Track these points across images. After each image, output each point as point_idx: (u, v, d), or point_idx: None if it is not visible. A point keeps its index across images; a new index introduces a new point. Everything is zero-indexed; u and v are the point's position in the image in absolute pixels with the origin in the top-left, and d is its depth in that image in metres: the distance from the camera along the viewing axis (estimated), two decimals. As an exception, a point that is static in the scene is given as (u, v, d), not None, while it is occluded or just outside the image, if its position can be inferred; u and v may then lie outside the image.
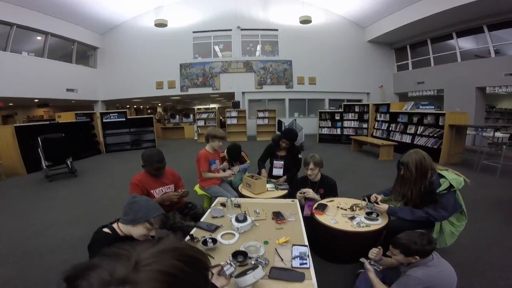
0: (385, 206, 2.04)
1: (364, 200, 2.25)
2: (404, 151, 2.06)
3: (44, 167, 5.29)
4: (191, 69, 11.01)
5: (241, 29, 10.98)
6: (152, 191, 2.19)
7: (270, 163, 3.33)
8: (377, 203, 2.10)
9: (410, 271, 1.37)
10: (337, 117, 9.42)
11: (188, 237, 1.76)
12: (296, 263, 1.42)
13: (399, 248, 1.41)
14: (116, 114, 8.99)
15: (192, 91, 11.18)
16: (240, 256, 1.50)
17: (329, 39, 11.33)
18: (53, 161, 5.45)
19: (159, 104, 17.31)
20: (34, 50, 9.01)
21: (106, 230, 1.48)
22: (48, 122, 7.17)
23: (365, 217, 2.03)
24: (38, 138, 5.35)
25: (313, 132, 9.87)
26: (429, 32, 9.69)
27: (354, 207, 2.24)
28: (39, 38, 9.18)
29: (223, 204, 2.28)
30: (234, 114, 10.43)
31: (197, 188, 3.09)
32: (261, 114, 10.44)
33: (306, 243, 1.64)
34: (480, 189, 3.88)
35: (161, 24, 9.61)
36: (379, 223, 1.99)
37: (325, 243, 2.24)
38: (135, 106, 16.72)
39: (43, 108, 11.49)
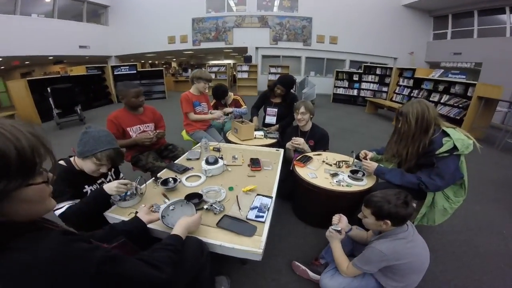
0: (373, 165, 1.72)
1: (351, 156, 1.99)
2: None
3: (55, 115, 5.53)
4: (204, 23, 10.40)
5: None
6: (128, 128, 2.10)
7: (264, 111, 3.09)
8: (366, 160, 1.81)
9: (375, 243, 1.15)
10: (355, 77, 8.79)
11: (152, 178, 1.68)
12: (252, 214, 1.27)
13: (370, 207, 1.17)
14: (127, 67, 9.16)
15: (205, 45, 10.71)
16: (195, 198, 1.39)
17: None
18: (62, 109, 5.67)
19: (174, 59, 16.99)
20: (44, 12, 8.98)
21: (61, 162, 1.40)
22: (59, 75, 7.29)
23: (348, 176, 1.75)
24: (48, 88, 5.51)
25: (329, 92, 9.42)
26: (478, 3, 8.35)
27: (341, 163, 1.98)
28: (47, 0, 9.04)
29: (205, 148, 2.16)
30: (245, 68, 10.05)
31: (183, 133, 2.99)
32: (273, 70, 9.96)
33: (273, 194, 1.48)
34: (495, 168, 3.43)
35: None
36: (363, 184, 1.70)
37: (302, 201, 2.05)
38: (150, 62, 16.56)
39: (59, 65, 11.67)
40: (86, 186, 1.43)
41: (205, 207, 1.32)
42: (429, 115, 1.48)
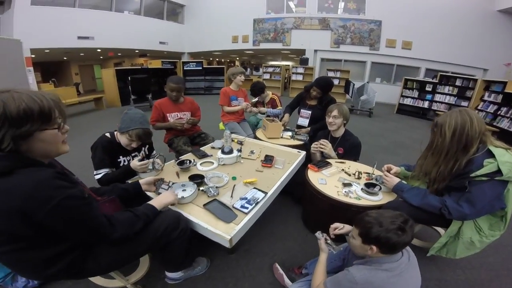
0: (394, 180, 1.50)
1: (374, 167, 1.81)
2: (508, 143, 1.24)
3: (131, 100, 6.62)
4: (264, 24, 10.70)
5: None
6: (167, 114, 2.43)
7: (298, 113, 3.06)
8: (388, 174, 1.59)
9: (353, 267, 0.98)
10: (429, 88, 7.60)
11: (175, 159, 1.91)
12: (238, 204, 1.33)
13: (359, 226, 0.99)
14: (195, 63, 10.31)
15: (263, 45, 11.01)
16: (197, 178, 1.53)
17: (436, 1, 8.70)
18: (137, 95, 6.73)
19: (237, 58, 18.00)
20: (133, 9, 10.52)
21: (107, 134, 1.73)
22: (140, 67, 8.64)
23: (362, 188, 1.58)
24: (128, 77, 6.64)
25: (394, 102, 8.46)
26: None
27: (361, 174, 1.80)
28: None
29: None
30: (300, 70, 9.93)
31: (220, 124, 3.22)
32: (331, 74, 9.50)
33: (270, 191, 1.49)
34: None
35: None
36: (377, 199, 1.50)
37: (308, 207, 1.96)
38: (217, 59, 17.95)
39: (143, 58, 13.76)
40: (121, 157, 1.73)
41: (201, 188, 1.45)
42: (472, 129, 1.19)
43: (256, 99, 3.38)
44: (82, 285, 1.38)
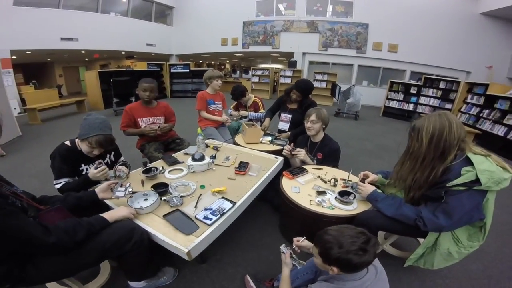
0: (368, 188, 1.43)
1: (349, 174, 1.74)
2: (490, 144, 1.19)
3: (113, 103, 6.42)
4: (253, 27, 10.69)
5: None
6: (139, 119, 2.32)
7: (278, 117, 2.99)
8: (363, 182, 1.53)
9: (316, 284, 0.94)
10: (413, 90, 7.75)
11: (143, 165, 1.81)
12: (201, 214, 1.25)
13: (318, 246, 0.92)
14: (182, 65, 10.16)
15: (253, 48, 10.99)
16: (161, 187, 1.45)
17: (423, 5, 8.93)
18: (119, 98, 6.55)
19: (227, 61, 17.93)
20: (120, 11, 10.35)
21: (67, 142, 1.62)
22: (124, 69, 8.45)
23: (335, 197, 1.51)
24: (111, 79, 6.45)
25: (380, 104, 8.53)
26: None
27: (337, 181, 1.72)
28: (124, 0, 10.38)
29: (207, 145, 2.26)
30: (288, 73, 9.95)
31: (199, 129, 3.12)
32: (318, 77, 9.55)
33: (239, 201, 1.42)
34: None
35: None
36: (351, 208, 1.43)
37: (284, 216, 1.89)
38: (206, 62, 17.81)
39: (130, 60, 13.46)
40: (83, 165, 1.62)
41: (163, 198, 1.37)
42: (450, 134, 1.12)
43: (235, 103, 3.31)
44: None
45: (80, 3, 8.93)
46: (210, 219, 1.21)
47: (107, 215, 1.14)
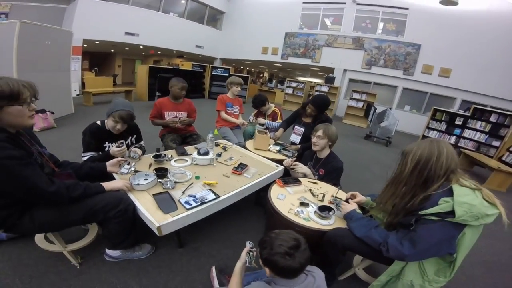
0: (348, 207, 1.44)
1: (338, 190, 1.74)
2: None
3: (156, 96, 7.11)
4: (295, 38, 10.84)
5: (357, 4, 9.56)
6: (165, 112, 2.65)
7: (292, 129, 3.07)
8: (348, 201, 1.53)
9: (256, 282, 0.99)
10: (458, 121, 7.03)
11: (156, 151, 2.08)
12: (184, 199, 1.42)
13: (259, 245, 0.98)
14: (223, 69, 10.77)
15: (292, 60, 11.11)
16: (162, 171, 1.68)
17: (481, 26, 8.08)
18: (162, 92, 7.21)
19: (266, 70, 18.36)
20: (178, 12, 11.27)
21: (98, 122, 1.94)
22: (171, 67, 9.25)
23: (315, 211, 1.53)
24: (157, 75, 7.16)
25: (419, 133, 7.89)
26: None
27: (324, 196, 1.73)
28: (183, 1, 11.34)
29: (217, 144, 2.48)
30: (324, 89, 9.80)
31: (216, 130, 3.35)
32: (356, 96, 9.20)
33: (224, 196, 1.57)
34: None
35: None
36: (326, 224, 1.44)
37: (267, 220, 1.95)
38: (247, 68, 18.48)
39: (180, 58, 14.67)
40: (107, 143, 1.93)
41: (160, 180, 1.58)
42: (437, 164, 1.09)
43: (256, 111, 3.47)
44: (30, 247, 1.52)
45: (147, 1, 9.95)
46: (190, 204, 1.38)
47: (104, 184, 1.35)
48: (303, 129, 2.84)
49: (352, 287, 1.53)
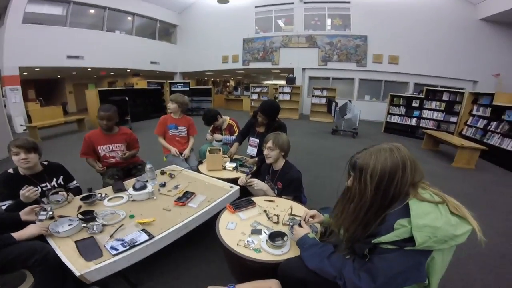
0: (300, 232, 1.21)
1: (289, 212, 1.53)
2: (500, 159, 0.83)
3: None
4: (253, 43, 10.92)
5: (304, 2, 9.89)
6: (98, 147, 2.31)
7: (248, 141, 2.89)
8: (303, 223, 1.30)
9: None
10: (416, 104, 7.42)
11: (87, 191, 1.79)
12: (110, 244, 1.23)
13: None
14: (182, 83, 10.42)
15: (253, 65, 11.17)
16: (87, 214, 1.48)
17: (421, 14, 8.81)
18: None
19: (232, 78, 18.27)
20: (125, 29, 10.80)
21: (10, 170, 1.68)
22: (124, 88, 8.70)
23: (267, 240, 1.30)
24: (108, 99, 6.65)
25: (383, 120, 8.15)
26: None
27: (278, 217, 1.52)
28: (129, 18, 10.87)
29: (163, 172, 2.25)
30: (287, 90, 9.86)
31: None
32: (317, 92, 9.41)
33: (161, 234, 1.35)
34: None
35: (223, 0, 9.89)
36: (279, 253, 1.23)
37: None
38: (212, 79, 18.22)
39: (136, 77, 13.90)
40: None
41: (84, 225, 1.38)
42: (403, 178, 0.89)
43: (211, 127, 3.25)
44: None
45: (87, 21, 9.38)
46: (117, 249, 1.21)
47: (16, 234, 1.25)
48: (258, 140, 2.66)
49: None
